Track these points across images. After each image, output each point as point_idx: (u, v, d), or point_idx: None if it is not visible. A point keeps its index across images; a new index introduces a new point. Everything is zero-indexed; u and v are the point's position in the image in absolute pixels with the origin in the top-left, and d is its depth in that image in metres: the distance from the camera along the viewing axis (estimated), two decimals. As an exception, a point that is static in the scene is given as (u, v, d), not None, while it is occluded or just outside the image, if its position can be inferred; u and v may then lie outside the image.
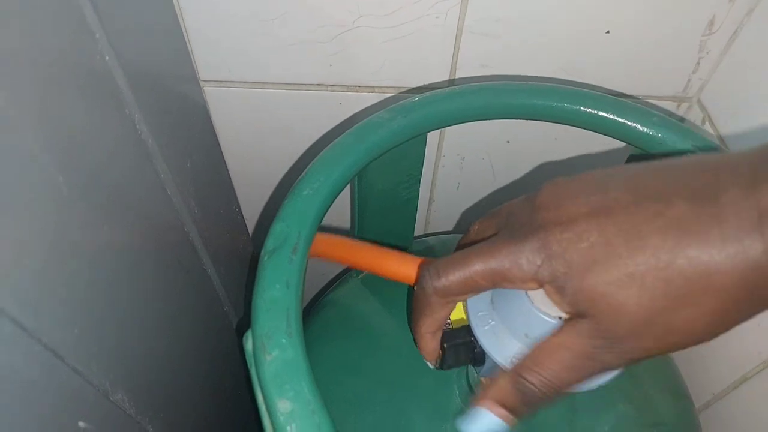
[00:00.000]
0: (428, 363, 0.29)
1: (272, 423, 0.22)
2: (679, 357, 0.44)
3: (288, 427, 0.21)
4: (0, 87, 0.16)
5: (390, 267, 0.31)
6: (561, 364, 0.22)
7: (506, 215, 0.25)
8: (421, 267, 0.27)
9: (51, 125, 0.19)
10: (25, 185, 0.18)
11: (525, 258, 0.22)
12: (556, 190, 0.23)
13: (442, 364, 0.30)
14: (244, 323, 0.45)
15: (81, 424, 0.21)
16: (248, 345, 0.24)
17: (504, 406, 0.23)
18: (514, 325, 0.27)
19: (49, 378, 0.19)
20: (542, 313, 0.26)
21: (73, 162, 0.20)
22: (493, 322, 0.28)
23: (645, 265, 0.20)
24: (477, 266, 0.23)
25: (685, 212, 0.19)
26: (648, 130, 0.33)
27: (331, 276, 0.61)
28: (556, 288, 0.22)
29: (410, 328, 0.28)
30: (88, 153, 0.21)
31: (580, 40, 0.41)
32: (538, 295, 0.27)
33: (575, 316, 0.22)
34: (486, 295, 0.29)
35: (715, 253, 0.19)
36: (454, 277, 0.24)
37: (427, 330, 0.27)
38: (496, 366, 0.28)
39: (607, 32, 0.40)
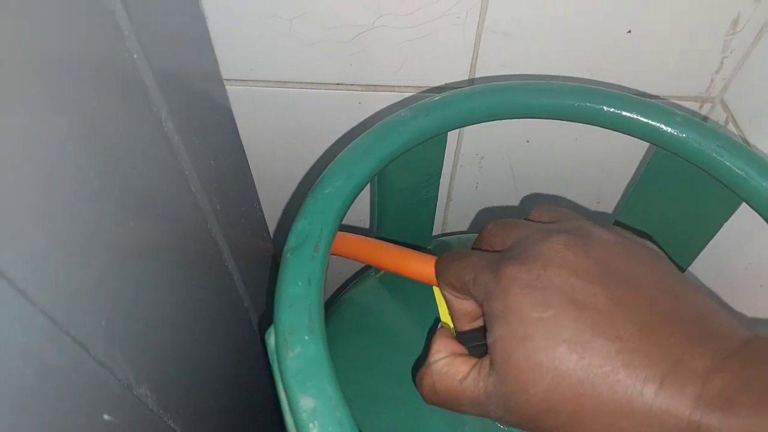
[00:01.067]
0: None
1: (294, 420, 0.22)
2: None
3: (310, 424, 0.21)
4: (33, 82, 0.16)
5: (411, 267, 0.31)
6: (457, 393, 0.23)
7: (514, 240, 0.24)
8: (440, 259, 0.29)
9: (83, 121, 0.19)
10: (58, 180, 0.18)
11: (485, 280, 0.23)
12: (563, 252, 0.22)
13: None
14: (265, 321, 0.45)
15: (106, 416, 0.21)
16: (270, 341, 0.24)
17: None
18: None
19: (76, 370, 0.20)
20: None
21: (103, 157, 0.20)
22: None
23: (578, 373, 0.19)
24: (465, 275, 0.25)
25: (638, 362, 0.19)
26: (672, 130, 0.33)
27: (349, 275, 0.62)
28: (494, 321, 0.22)
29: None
30: (118, 149, 0.21)
31: (602, 40, 0.41)
32: None
33: (491, 360, 0.22)
34: None
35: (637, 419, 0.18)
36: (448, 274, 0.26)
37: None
38: None
39: (629, 32, 0.40)
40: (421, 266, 0.31)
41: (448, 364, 0.24)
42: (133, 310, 0.23)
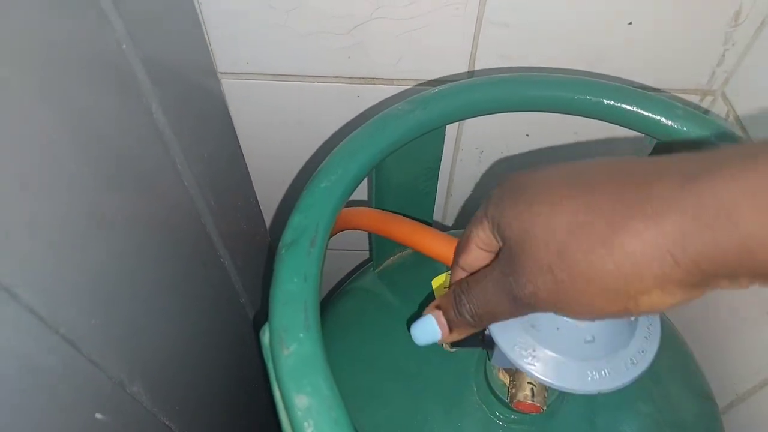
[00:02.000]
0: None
1: (289, 418, 0.21)
2: (703, 357, 0.43)
3: (305, 423, 0.21)
4: (17, 70, 0.16)
5: (429, 241, 0.32)
6: (485, 293, 0.24)
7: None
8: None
9: (68, 112, 0.19)
10: (43, 175, 0.17)
11: (483, 207, 0.24)
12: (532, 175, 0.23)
13: (453, 343, 0.29)
14: (261, 317, 0.45)
15: (98, 415, 0.21)
16: (265, 339, 0.24)
17: (447, 320, 0.26)
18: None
19: (65, 368, 0.19)
20: None
21: (91, 151, 0.20)
22: None
23: (564, 207, 0.20)
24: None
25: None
26: (672, 123, 0.33)
27: (348, 269, 0.61)
28: (490, 218, 0.23)
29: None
30: (106, 142, 0.21)
31: (602, 32, 0.40)
32: None
33: (497, 256, 0.24)
34: None
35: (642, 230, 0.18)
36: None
37: (453, 338, 0.28)
38: (502, 353, 0.28)
39: (630, 23, 0.39)
40: (441, 245, 0.31)
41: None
42: (125, 308, 0.23)
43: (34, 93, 0.17)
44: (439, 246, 0.33)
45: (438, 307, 0.26)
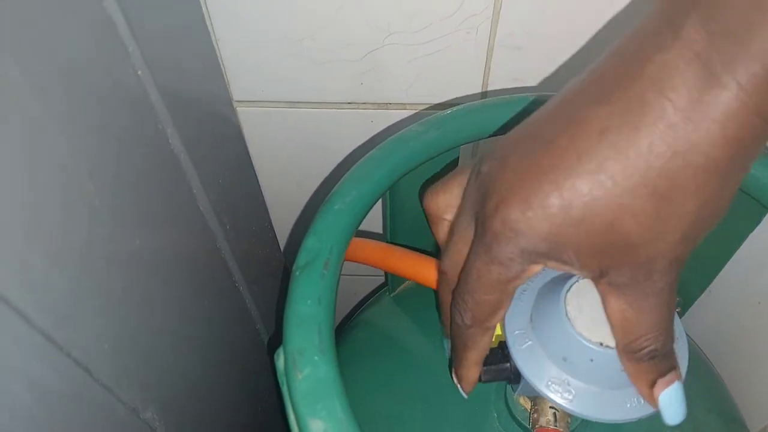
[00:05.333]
0: (462, 391, 0.28)
1: (304, 444, 0.21)
2: (733, 383, 0.41)
3: (320, 449, 0.20)
4: (36, 97, 0.16)
5: (424, 273, 0.31)
6: (470, 280, 0.22)
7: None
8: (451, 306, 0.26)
9: (85, 138, 0.19)
10: (58, 198, 0.18)
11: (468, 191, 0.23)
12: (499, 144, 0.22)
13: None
14: (276, 341, 0.44)
15: (111, 442, 0.21)
16: (279, 362, 0.23)
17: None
18: (552, 348, 0.26)
19: (79, 393, 0.19)
20: (583, 338, 0.25)
21: (106, 175, 0.20)
22: (530, 342, 0.27)
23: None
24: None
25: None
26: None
27: (363, 295, 0.61)
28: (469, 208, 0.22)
29: (452, 363, 0.27)
30: (121, 166, 0.21)
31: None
32: (579, 319, 0.25)
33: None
34: (525, 313, 0.28)
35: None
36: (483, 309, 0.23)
37: (473, 362, 0.26)
38: (530, 385, 0.27)
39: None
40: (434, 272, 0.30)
41: None
42: (139, 333, 0.23)
43: (55, 120, 0.17)
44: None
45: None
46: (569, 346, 0.25)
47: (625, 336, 0.21)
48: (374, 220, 0.54)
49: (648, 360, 0.21)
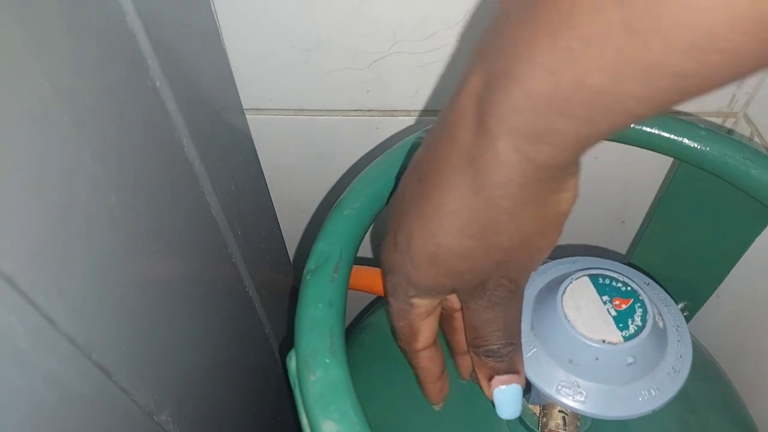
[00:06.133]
0: (433, 406, 0.30)
1: (317, 445, 0.21)
2: (742, 386, 0.41)
3: (333, 450, 0.21)
4: (62, 107, 0.17)
5: None
6: (496, 321, 0.24)
7: None
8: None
9: (106, 145, 0.19)
10: (79, 202, 0.18)
11: (391, 289, 0.25)
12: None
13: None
14: (285, 345, 0.45)
15: (128, 443, 0.21)
16: (291, 364, 0.24)
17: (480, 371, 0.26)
18: (556, 352, 0.27)
19: (98, 396, 0.20)
20: (585, 338, 0.25)
21: (125, 181, 0.21)
22: (534, 349, 0.27)
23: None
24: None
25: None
26: (695, 144, 0.32)
27: (369, 300, 0.61)
28: (424, 294, 0.24)
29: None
30: (139, 173, 0.22)
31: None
32: (579, 320, 0.26)
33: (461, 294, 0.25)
34: (525, 321, 0.28)
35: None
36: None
37: (426, 380, 0.30)
38: (542, 393, 0.27)
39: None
40: None
41: None
42: (154, 336, 0.23)
43: (79, 128, 0.18)
44: None
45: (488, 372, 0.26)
46: (573, 348, 0.26)
47: (470, 335, 0.25)
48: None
49: (484, 356, 0.25)
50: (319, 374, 0.22)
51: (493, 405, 0.25)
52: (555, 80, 0.16)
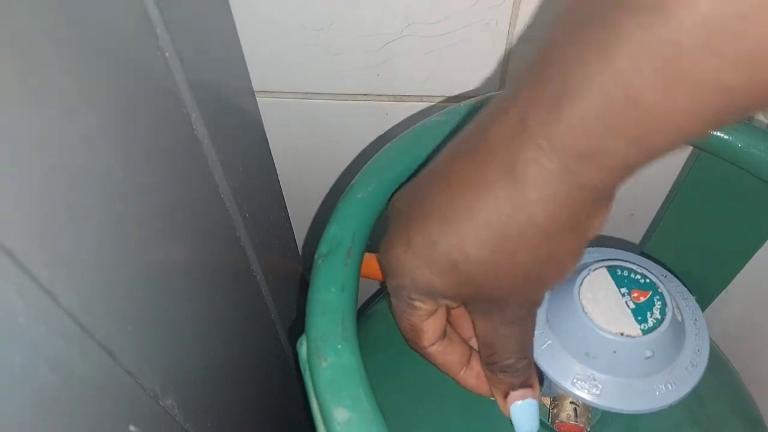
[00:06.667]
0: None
1: (328, 432, 0.21)
2: (751, 382, 0.41)
3: (345, 438, 0.20)
4: (71, 78, 0.16)
5: None
6: (510, 344, 0.24)
7: None
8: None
9: (113, 119, 0.19)
10: (86, 180, 0.17)
11: (396, 290, 0.25)
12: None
13: None
14: (292, 334, 0.44)
15: (132, 428, 0.20)
16: (302, 350, 0.23)
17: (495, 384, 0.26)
18: (572, 344, 0.26)
19: (103, 378, 0.19)
20: (603, 331, 0.25)
21: (132, 159, 0.20)
22: (549, 341, 0.27)
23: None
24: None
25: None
26: (718, 133, 0.32)
27: (376, 286, 0.60)
28: (429, 297, 0.24)
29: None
30: (147, 149, 0.21)
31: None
32: (597, 312, 0.25)
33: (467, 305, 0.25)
34: (541, 312, 0.28)
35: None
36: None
37: (451, 372, 0.28)
38: (556, 385, 0.27)
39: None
40: None
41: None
42: (160, 319, 0.23)
43: (80, 98, 0.17)
44: None
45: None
46: (590, 341, 0.25)
47: (484, 351, 0.25)
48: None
49: (500, 372, 0.25)
50: (331, 360, 0.21)
51: (510, 421, 0.25)
52: (606, 99, 0.16)
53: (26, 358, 0.15)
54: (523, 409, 0.25)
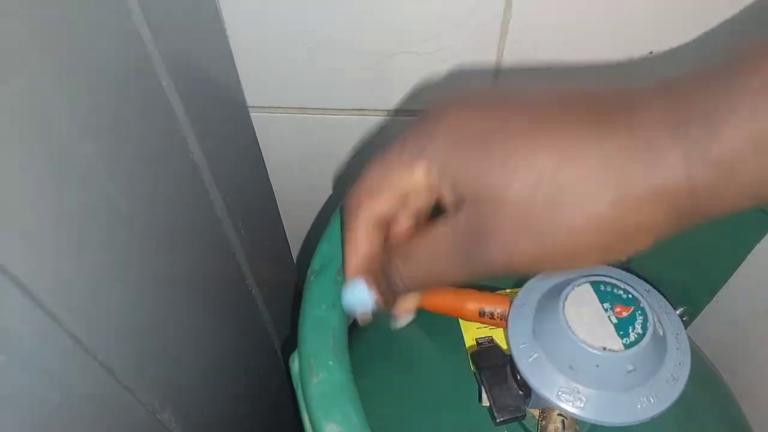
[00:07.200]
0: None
1: (319, 447, 0.21)
2: (740, 391, 0.41)
3: (335, 451, 0.21)
4: (64, 106, 0.17)
5: (433, 300, 0.31)
6: (428, 257, 0.21)
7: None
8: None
9: (110, 141, 0.19)
10: (82, 201, 0.18)
11: (410, 143, 0.21)
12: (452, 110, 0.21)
13: (490, 394, 0.29)
14: (287, 345, 0.45)
15: (131, 441, 0.21)
16: (294, 365, 0.24)
17: (375, 284, 0.23)
18: (557, 358, 0.27)
19: (102, 394, 0.20)
20: (586, 345, 0.25)
21: (128, 177, 0.21)
22: (536, 355, 0.28)
23: (543, 161, 0.18)
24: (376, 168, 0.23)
25: (592, 115, 0.19)
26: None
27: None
28: (439, 168, 0.21)
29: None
30: (142, 168, 0.22)
31: (623, 59, 0.40)
32: (580, 327, 0.26)
33: (455, 205, 0.21)
34: (527, 326, 0.28)
35: (623, 162, 0.18)
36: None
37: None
38: (542, 398, 0.27)
39: (651, 52, 0.40)
40: (441, 299, 0.31)
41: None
42: (157, 336, 0.24)
43: (77, 126, 0.18)
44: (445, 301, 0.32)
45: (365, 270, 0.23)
46: (574, 354, 0.26)
47: (396, 256, 0.23)
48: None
49: (387, 284, 0.23)
50: (322, 376, 0.22)
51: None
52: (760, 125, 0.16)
53: (29, 377, 0.16)
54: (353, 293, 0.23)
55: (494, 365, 0.29)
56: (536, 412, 0.31)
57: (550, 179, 0.18)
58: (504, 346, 0.32)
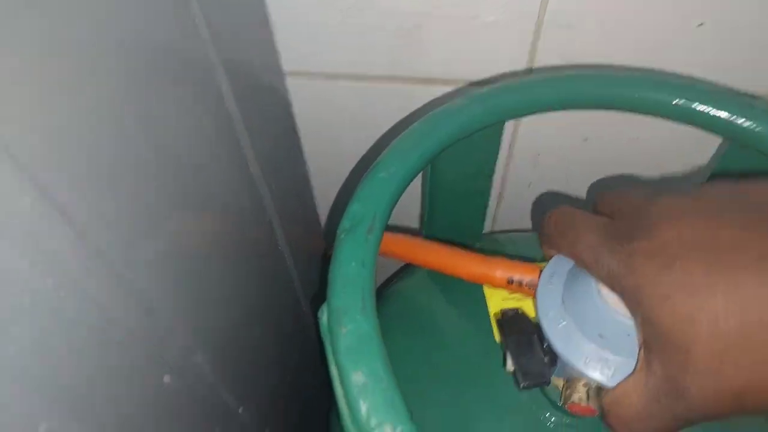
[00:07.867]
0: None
1: (345, 395, 0.22)
2: None
3: (360, 401, 0.21)
4: (108, 59, 0.17)
5: (461, 266, 0.31)
6: (629, 414, 0.22)
7: (625, 206, 0.24)
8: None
9: (147, 95, 0.20)
10: (117, 157, 0.19)
11: (607, 262, 0.22)
12: (668, 212, 0.21)
13: (516, 360, 0.29)
14: (314, 303, 0.45)
15: (166, 378, 0.22)
16: (323, 318, 0.24)
17: None
18: (587, 326, 0.26)
19: (142, 330, 0.21)
20: (618, 313, 0.25)
21: (165, 131, 0.21)
22: (564, 322, 0.27)
23: (741, 299, 0.17)
24: (570, 236, 0.25)
25: None
26: (751, 124, 0.31)
27: (395, 267, 0.61)
28: (632, 303, 0.21)
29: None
30: (180, 121, 0.22)
31: (671, 32, 0.39)
32: (612, 294, 0.26)
33: (645, 348, 0.21)
34: (557, 294, 0.28)
35: None
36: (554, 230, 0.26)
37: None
38: (569, 366, 0.27)
39: (701, 24, 0.38)
40: (470, 265, 0.31)
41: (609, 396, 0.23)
42: (193, 284, 0.24)
43: (119, 85, 0.18)
44: (469, 267, 0.32)
45: None
46: (604, 323, 0.26)
47: (611, 415, 0.24)
48: (407, 212, 0.55)
49: None
50: (350, 327, 0.23)
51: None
52: None
53: (77, 304, 0.17)
54: None
55: (521, 332, 0.29)
56: (560, 383, 0.31)
57: (755, 310, 0.17)
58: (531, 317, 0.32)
